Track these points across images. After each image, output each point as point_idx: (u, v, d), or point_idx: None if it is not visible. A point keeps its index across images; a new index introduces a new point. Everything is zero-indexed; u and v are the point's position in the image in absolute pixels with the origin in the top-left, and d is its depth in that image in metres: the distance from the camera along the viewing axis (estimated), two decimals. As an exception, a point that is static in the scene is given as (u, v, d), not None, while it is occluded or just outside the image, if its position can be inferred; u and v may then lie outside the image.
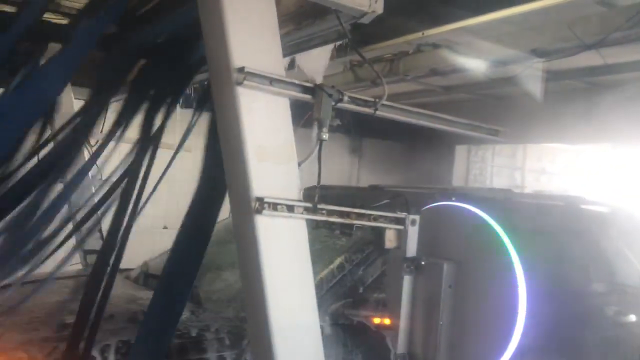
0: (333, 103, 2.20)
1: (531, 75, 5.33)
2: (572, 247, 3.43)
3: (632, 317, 3.22)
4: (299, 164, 2.27)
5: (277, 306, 2.10)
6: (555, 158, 13.42)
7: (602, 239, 3.63)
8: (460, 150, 9.40)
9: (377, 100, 2.32)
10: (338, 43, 3.81)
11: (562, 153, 13.20)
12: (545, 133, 7.20)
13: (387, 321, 2.90)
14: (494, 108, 7.33)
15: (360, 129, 8.54)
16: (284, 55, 2.33)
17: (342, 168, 8.89)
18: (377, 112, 2.33)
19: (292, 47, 2.92)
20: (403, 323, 2.39)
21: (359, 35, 3.56)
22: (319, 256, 3.22)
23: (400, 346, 2.39)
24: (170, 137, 2.88)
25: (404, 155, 9.16)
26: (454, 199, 2.93)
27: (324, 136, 2.19)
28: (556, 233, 3.41)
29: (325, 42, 2.88)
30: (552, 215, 3.68)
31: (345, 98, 2.23)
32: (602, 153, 13.06)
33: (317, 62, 4.07)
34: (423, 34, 4.59)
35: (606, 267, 3.58)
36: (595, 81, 6.02)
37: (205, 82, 2.87)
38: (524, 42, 4.12)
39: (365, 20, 2.36)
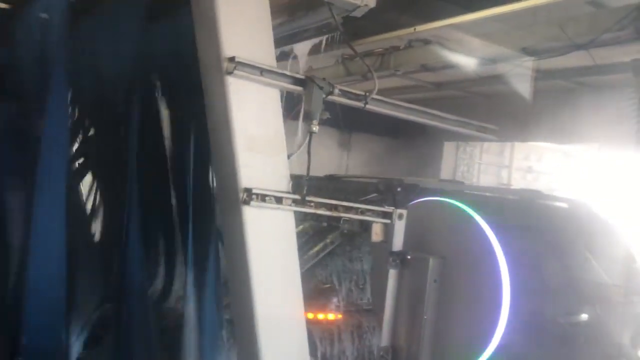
0: (324, 95, 2.20)
1: (520, 74, 5.36)
2: (523, 241, 3.32)
3: (584, 316, 3.23)
4: (289, 156, 2.27)
5: (263, 297, 2.11)
6: (542, 157, 13.49)
7: (556, 233, 3.57)
8: (448, 147, 9.41)
9: (367, 93, 2.33)
10: (330, 35, 3.82)
11: (549, 152, 13.28)
12: (532, 132, 7.23)
13: (310, 315, 2.88)
14: (483, 106, 7.35)
15: (349, 123, 8.53)
16: (276, 47, 2.32)
17: (330, 162, 8.87)
18: (367, 106, 2.34)
19: (284, 39, 2.91)
20: (387, 316, 2.40)
21: (351, 28, 3.55)
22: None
23: (384, 339, 2.40)
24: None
25: (393, 150, 9.16)
26: (399, 189, 2.91)
27: (314, 128, 2.20)
28: (507, 227, 3.31)
29: (317, 35, 2.88)
30: (504, 208, 3.59)
31: (336, 91, 2.24)
32: (587, 154, 13.15)
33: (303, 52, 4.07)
34: (415, 29, 4.59)
35: (559, 263, 3.55)
36: (583, 81, 6.05)
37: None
38: (514, 41, 4.14)
39: (358, 13, 2.36)
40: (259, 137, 2.13)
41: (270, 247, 2.17)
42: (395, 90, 7.47)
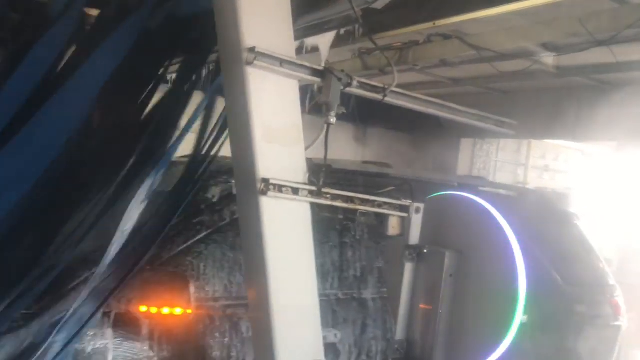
0: (342, 87, 2.20)
1: (539, 71, 5.31)
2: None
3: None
4: (306, 148, 2.27)
5: (279, 286, 2.12)
6: (558, 156, 13.39)
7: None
8: (465, 144, 9.36)
9: (386, 86, 2.32)
10: (347, 29, 3.81)
11: (566, 151, 13.17)
12: (550, 129, 7.17)
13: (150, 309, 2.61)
14: (500, 102, 7.30)
15: (365, 118, 8.51)
16: (295, 39, 2.32)
17: (345, 156, 8.87)
18: (386, 99, 2.33)
19: (303, 31, 2.91)
20: (402, 310, 2.40)
21: (369, 23, 3.54)
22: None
23: (399, 332, 2.40)
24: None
25: (409, 145, 9.13)
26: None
27: (332, 120, 2.20)
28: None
29: (337, 27, 2.88)
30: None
31: (355, 83, 2.23)
32: (605, 153, 13.04)
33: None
34: (434, 24, 4.55)
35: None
36: (603, 79, 5.98)
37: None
38: (534, 36, 4.09)
39: (378, 5, 2.35)
40: (277, 128, 2.13)
41: (286, 237, 2.17)
42: (412, 86, 7.44)
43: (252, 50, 2.03)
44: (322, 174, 2.23)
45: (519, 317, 2.13)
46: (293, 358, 2.13)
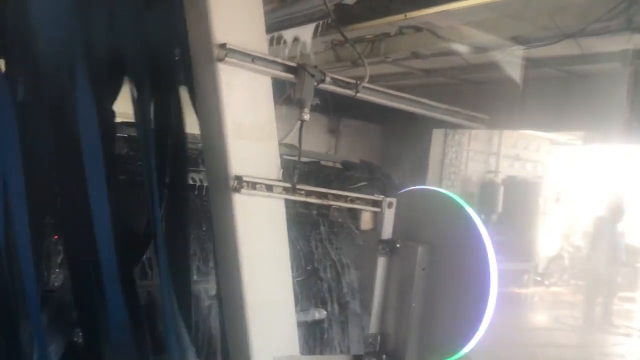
0: (315, 83, 2.20)
1: (510, 62, 5.36)
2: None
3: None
4: (279, 141, 2.27)
5: (253, 284, 2.12)
6: (529, 145, 13.59)
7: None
8: (437, 134, 9.43)
9: (358, 82, 2.32)
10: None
11: (536, 140, 13.37)
12: (521, 120, 7.26)
13: None
14: (472, 93, 7.36)
15: (338, 110, 8.52)
16: (267, 33, 2.31)
17: (319, 148, 8.87)
18: (358, 95, 2.33)
19: (275, 25, 2.90)
20: (376, 303, 2.41)
21: (341, 14, 3.53)
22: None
23: (373, 326, 2.41)
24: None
25: (382, 136, 9.18)
26: None
27: (305, 116, 2.19)
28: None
29: (308, 21, 2.87)
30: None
31: (327, 79, 2.23)
32: (573, 146, 13.31)
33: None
34: (405, 16, 4.56)
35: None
36: (572, 70, 6.07)
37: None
38: (504, 29, 4.14)
39: (350, 1, 2.35)
40: (250, 124, 2.13)
41: (260, 234, 2.17)
42: (384, 77, 7.46)
43: (223, 46, 2.02)
44: (296, 170, 2.23)
45: (491, 309, 2.16)
46: (268, 354, 2.14)
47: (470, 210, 2.34)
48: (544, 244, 13.43)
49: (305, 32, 3.62)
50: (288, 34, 3.56)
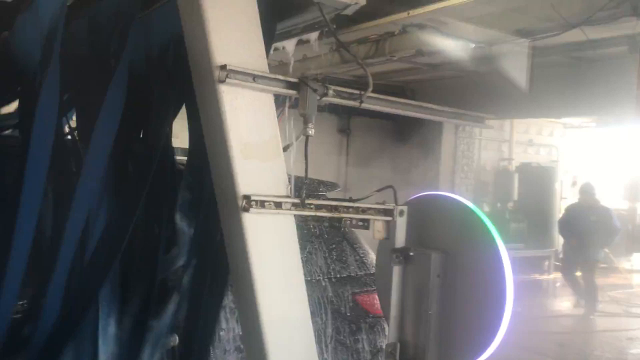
0: (318, 98, 2.19)
1: (517, 52, 5.32)
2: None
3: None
4: (284, 149, 2.26)
5: (268, 301, 2.12)
6: (542, 130, 13.49)
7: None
8: (448, 127, 9.41)
9: (362, 92, 2.31)
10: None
11: (549, 124, 13.27)
12: (531, 108, 7.21)
13: None
14: (480, 84, 7.31)
15: (348, 108, 8.52)
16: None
17: (330, 148, 8.88)
18: (363, 105, 2.32)
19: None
20: (393, 312, 2.41)
21: (342, 16, 3.52)
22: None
23: (391, 335, 2.41)
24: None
25: (393, 132, 9.16)
26: None
27: (310, 132, 2.19)
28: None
29: (308, 31, 2.86)
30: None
31: (330, 92, 2.22)
32: (588, 128, 13.19)
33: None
34: (408, 14, 4.55)
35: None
36: (579, 56, 6.02)
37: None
38: (508, 23, 4.10)
39: (349, 11, 2.34)
40: (255, 143, 2.12)
41: (272, 251, 2.17)
42: (390, 73, 7.45)
43: (223, 67, 2.02)
44: (304, 185, 2.22)
45: (509, 314, 2.15)
46: (287, 370, 2.14)
47: (481, 214, 2.33)
48: (563, 228, 13.25)
49: (289, 43, 3.61)
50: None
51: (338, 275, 3.65)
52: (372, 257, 4.04)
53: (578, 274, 9.69)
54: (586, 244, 9.03)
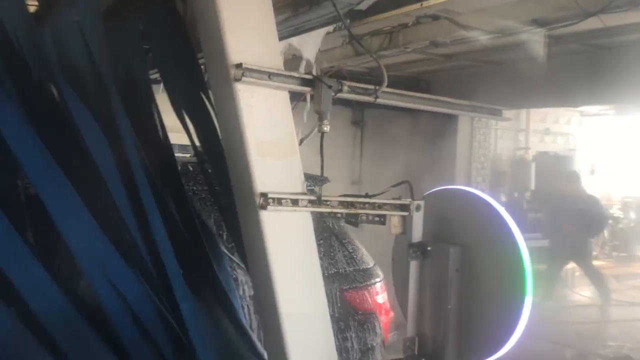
0: (333, 94, 2.19)
1: (532, 41, 5.25)
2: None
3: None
4: (300, 142, 2.27)
5: (287, 298, 2.14)
6: (559, 118, 13.35)
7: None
8: (463, 117, 9.33)
9: (377, 87, 2.31)
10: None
11: (566, 113, 13.12)
12: (548, 97, 7.13)
13: None
14: (495, 74, 7.25)
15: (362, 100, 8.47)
16: (280, 39, 2.31)
17: (344, 140, 8.85)
18: (378, 100, 2.32)
19: (288, 32, 2.89)
20: (411, 307, 2.41)
21: (355, 11, 3.50)
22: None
23: (410, 329, 2.42)
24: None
25: (407, 123, 9.09)
26: None
27: (325, 128, 2.19)
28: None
29: (321, 26, 2.85)
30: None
31: (345, 88, 2.22)
32: (606, 116, 13.02)
33: (312, 40, 4.01)
34: (422, 5, 4.50)
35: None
36: (597, 44, 5.93)
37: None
38: (523, 13, 4.05)
39: (363, 6, 2.33)
40: (271, 141, 2.13)
41: (289, 248, 2.19)
42: (404, 64, 7.40)
43: (239, 66, 2.02)
44: (321, 182, 2.24)
45: (528, 308, 2.14)
46: (306, 366, 2.16)
47: (499, 207, 2.32)
48: (582, 217, 13.13)
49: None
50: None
51: (326, 272, 3.45)
52: (362, 252, 3.94)
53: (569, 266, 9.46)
54: (575, 234, 8.80)
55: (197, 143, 2.70)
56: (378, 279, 3.87)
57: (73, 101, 2.16)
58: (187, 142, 2.76)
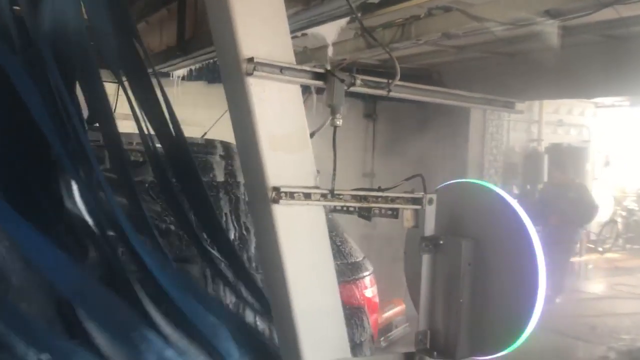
0: (345, 88, 2.18)
1: (545, 32, 5.21)
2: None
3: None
4: (311, 135, 2.27)
5: (299, 292, 2.14)
6: (572, 110, 13.23)
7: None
8: (475, 109, 9.28)
9: (389, 81, 2.30)
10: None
11: (579, 104, 13.00)
12: (561, 88, 7.08)
13: None
14: (508, 65, 7.20)
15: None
16: (292, 32, 2.30)
17: (356, 132, 8.85)
18: (391, 93, 2.31)
19: (300, 25, 2.89)
20: (424, 301, 2.41)
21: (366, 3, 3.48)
22: None
23: (422, 323, 2.41)
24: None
25: (420, 116, 9.05)
26: None
27: (338, 122, 2.19)
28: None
29: (333, 19, 2.84)
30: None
31: (358, 81, 2.21)
32: (620, 107, 12.88)
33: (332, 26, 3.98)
34: (433, -5, 4.48)
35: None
36: (612, 34, 5.87)
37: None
38: (537, 4, 4.01)
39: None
40: (283, 135, 2.13)
41: (302, 242, 2.19)
42: (416, 57, 7.37)
43: (250, 60, 2.02)
44: (334, 175, 2.23)
45: (541, 303, 2.13)
46: (319, 359, 2.16)
47: (511, 200, 2.31)
48: (595, 209, 13.02)
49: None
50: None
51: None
52: (351, 245, 3.82)
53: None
54: (565, 223, 8.63)
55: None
56: (367, 273, 3.77)
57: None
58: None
